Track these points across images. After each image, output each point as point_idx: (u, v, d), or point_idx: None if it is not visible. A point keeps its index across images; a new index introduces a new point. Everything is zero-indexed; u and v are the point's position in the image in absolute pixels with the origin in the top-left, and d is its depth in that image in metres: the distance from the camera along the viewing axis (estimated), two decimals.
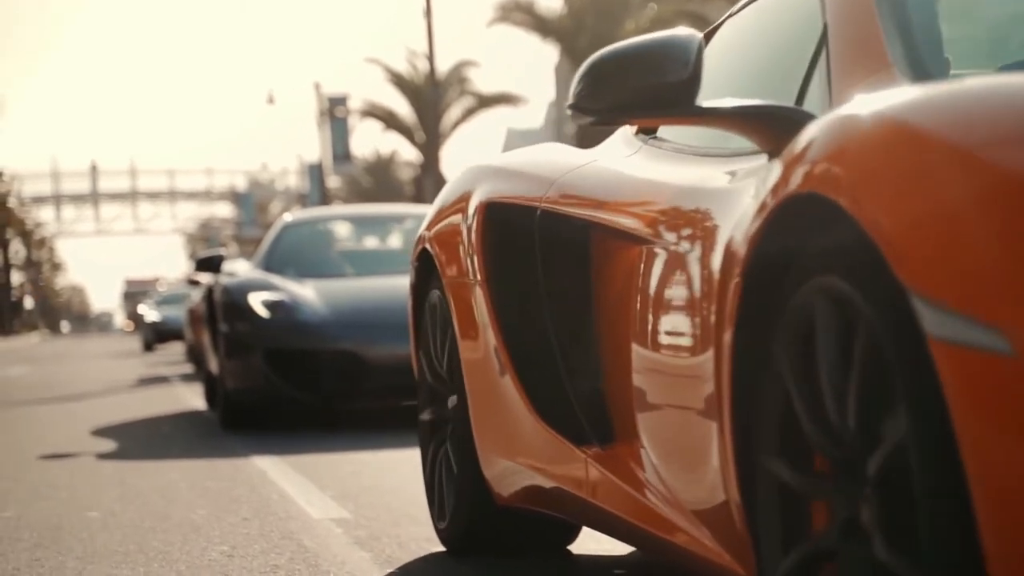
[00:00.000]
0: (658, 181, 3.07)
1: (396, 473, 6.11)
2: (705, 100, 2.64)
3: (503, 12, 37.17)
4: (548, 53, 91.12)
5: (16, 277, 75.79)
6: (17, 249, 75.43)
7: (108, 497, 5.67)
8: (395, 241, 10.56)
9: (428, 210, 11.78)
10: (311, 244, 10.24)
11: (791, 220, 2.12)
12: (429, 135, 41.35)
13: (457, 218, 3.83)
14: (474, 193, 3.76)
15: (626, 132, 3.62)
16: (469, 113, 44.37)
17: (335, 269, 9.81)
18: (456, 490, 3.85)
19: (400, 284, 8.42)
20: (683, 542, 2.71)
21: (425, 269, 4.11)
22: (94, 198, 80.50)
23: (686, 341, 2.64)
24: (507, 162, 3.82)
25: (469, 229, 3.69)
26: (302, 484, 5.82)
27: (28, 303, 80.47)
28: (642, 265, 2.95)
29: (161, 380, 16.90)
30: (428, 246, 4.01)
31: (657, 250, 2.88)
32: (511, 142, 77.02)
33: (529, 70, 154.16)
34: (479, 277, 3.60)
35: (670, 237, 2.83)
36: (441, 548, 4.12)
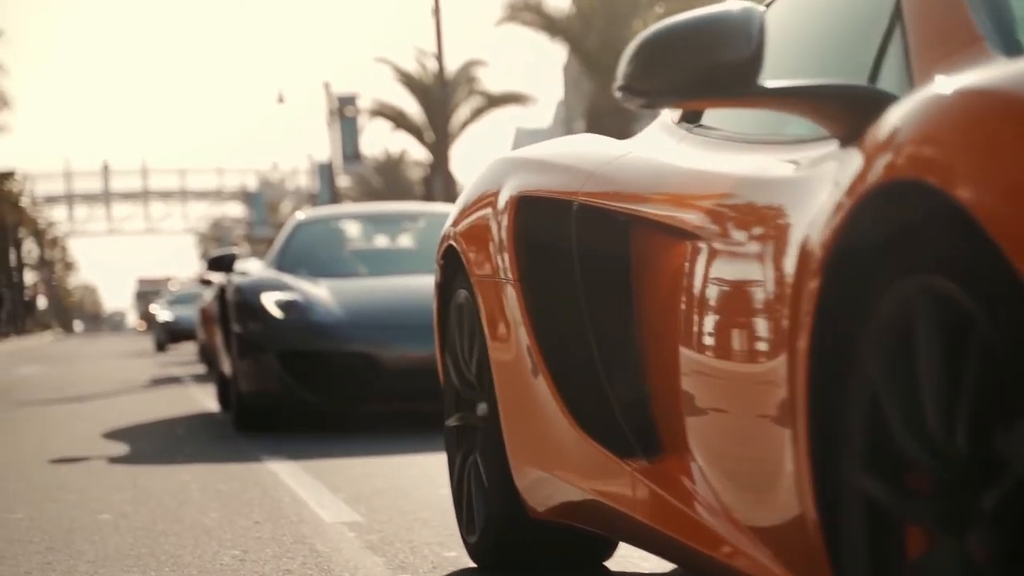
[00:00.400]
0: (709, 171, 2.81)
1: (408, 476, 6.09)
2: (767, 80, 2.38)
3: (511, 11, 37.12)
4: (556, 53, 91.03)
5: (29, 276, 75.93)
6: (30, 248, 75.59)
7: (120, 499, 5.66)
8: (409, 240, 10.35)
9: (445, 208, 10.09)
10: (324, 243, 10.04)
11: (878, 212, 1.92)
12: (438, 135, 41.33)
13: (486, 213, 3.58)
14: (504, 187, 3.52)
15: (667, 120, 3.36)
16: (478, 113, 44.34)
17: (349, 269, 9.62)
18: (486, 502, 3.62)
19: (416, 284, 8.46)
20: (743, 565, 2.47)
21: (451, 268, 3.86)
22: (106, 197, 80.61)
23: (750, 344, 2.41)
24: (539, 154, 3.57)
25: (500, 225, 3.45)
26: (314, 487, 5.81)
27: (41, 302, 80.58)
28: (692, 262, 2.69)
29: (173, 380, 16.91)
30: (454, 243, 3.76)
31: (710, 246, 2.62)
32: (520, 141, 76.93)
33: (538, 70, 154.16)
34: (511, 276, 3.36)
35: (726, 232, 2.60)
36: (454, 554, 4.10)
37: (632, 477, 2.91)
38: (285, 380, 8.25)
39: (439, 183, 37.07)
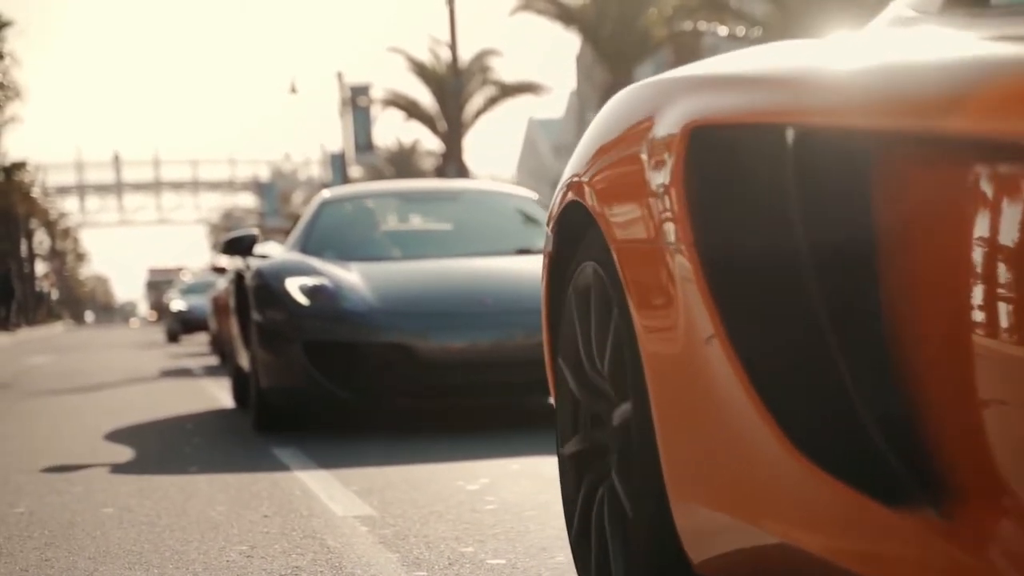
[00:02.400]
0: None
1: (421, 468, 5.89)
2: None
3: (525, 0, 36.91)
4: (570, 42, 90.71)
5: (40, 267, 75.94)
6: (41, 239, 75.59)
7: (125, 492, 5.48)
8: (448, 220, 9.30)
9: (489, 185, 9.81)
10: (353, 223, 9.07)
11: None
12: (451, 124, 41.16)
13: (636, 153, 2.48)
14: (663, 115, 2.43)
15: (901, 8, 2.38)
16: (491, 102, 44.17)
17: (381, 251, 8.59)
18: (628, 547, 2.59)
19: (456, 268, 7.88)
20: None
21: (571, 233, 2.83)
22: (118, 188, 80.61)
23: None
24: (718, 68, 2.46)
25: (662, 167, 2.37)
26: (324, 479, 5.62)
27: (52, 293, 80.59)
28: (993, 210, 1.73)
29: (184, 372, 16.73)
30: (583, 198, 2.71)
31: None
32: (532, 132, 76.80)
33: (551, 59, 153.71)
34: (681, 238, 2.29)
35: None
36: (471, 549, 3.90)
37: (895, 530, 1.88)
38: (311, 374, 7.35)
39: (452, 173, 36.86)
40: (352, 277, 7.71)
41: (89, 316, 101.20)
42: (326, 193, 9.51)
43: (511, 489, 5.10)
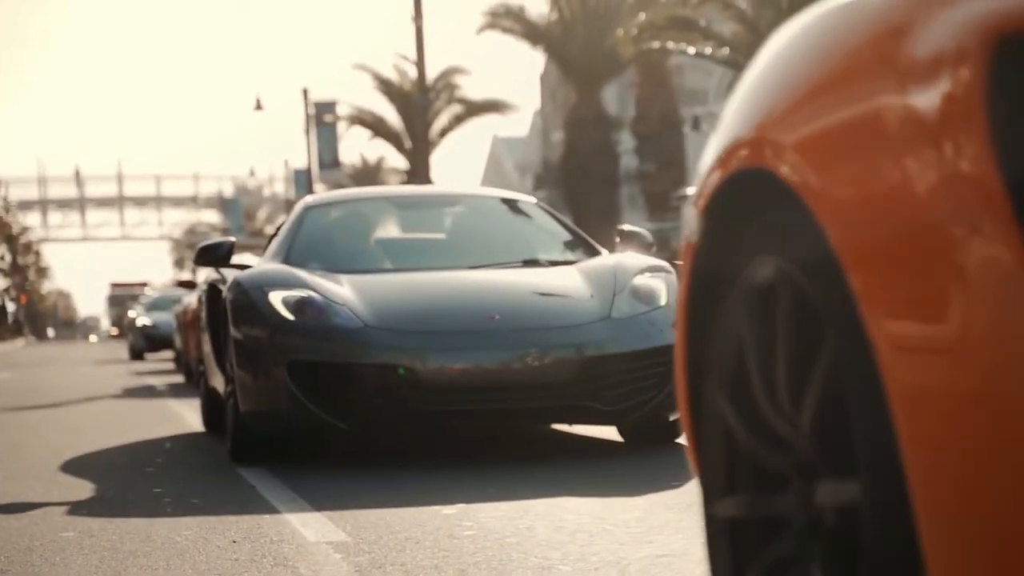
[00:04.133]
0: None
1: (396, 491, 5.69)
2: None
3: (492, 18, 36.87)
4: (534, 61, 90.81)
5: (1, 282, 75.23)
6: (2, 254, 74.93)
7: (85, 515, 5.27)
8: (444, 229, 8.45)
9: (489, 192, 9.07)
10: (341, 231, 8.17)
11: None
12: (417, 142, 41.00)
13: (879, 89, 1.51)
14: (932, 24, 1.46)
15: None
16: (458, 120, 44.08)
17: (372, 262, 7.68)
18: None
19: (455, 281, 7.09)
20: None
21: (739, 214, 1.90)
22: (81, 203, 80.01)
23: None
24: None
25: (941, 103, 1.40)
26: (295, 502, 5.42)
27: (12, 308, 79.83)
28: None
29: (148, 391, 16.45)
30: (771, 164, 1.71)
31: None
32: (496, 150, 76.78)
33: (516, 79, 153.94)
34: (991, 209, 1.34)
35: None
36: None
37: None
38: (296, 398, 6.48)
39: None
40: (342, 290, 6.86)
41: (50, 331, 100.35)
42: (310, 198, 8.67)
43: (489, 514, 4.92)
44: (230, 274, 7.63)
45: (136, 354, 29.54)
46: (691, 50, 25.07)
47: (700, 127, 44.98)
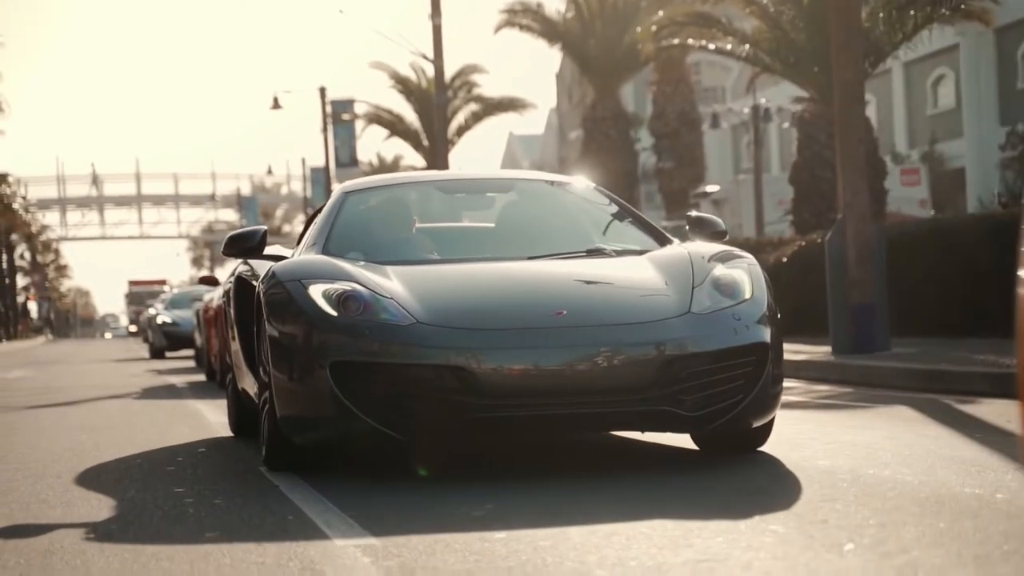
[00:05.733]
0: None
1: (424, 491, 5.55)
2: None
3: (510, 16, 36.68)
4: (550, 60, 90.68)
5: (21, 281, 75.36)
6: (22, 252, 75.04)
7: (107, 516, 5.15)
8: (497, 216, 7.63)
9: (546, 176, 8.24)
10: (382, 218, 7.41)
11: None
12: (435, 140, 40.88)
13: None
14: None
15: None
16: (475, 119, 43.92)
17: (417, 252, 7.00)
18: None
19: (511, 273, 6.40)
20: None
21: None
22: (99, 202, 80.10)
23: None
24: None
25: None
26: (320, 503, 5.28)
27: (33, 307, 79.97)
28: None
29: (168, 389, 16.35)
30: None
31: None
32: (512, 148, 76.66)
33: (530, 77, 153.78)
34: None
35: None
36: None
37: None
38: (341, 403, 5.78)
39: None
40: (390, 283, 6.16)
41: (70, 329, 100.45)
42: (348, 183, 7.90)
43: (520, 515, 4.77)
44: (262, 266, 7.04)
45: (156, 352, 29.01)
46: (711, 46, 24.91)
47: (719, 125, 44.79)
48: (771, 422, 6.34)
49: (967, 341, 14.22)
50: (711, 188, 40.53)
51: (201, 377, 17.69)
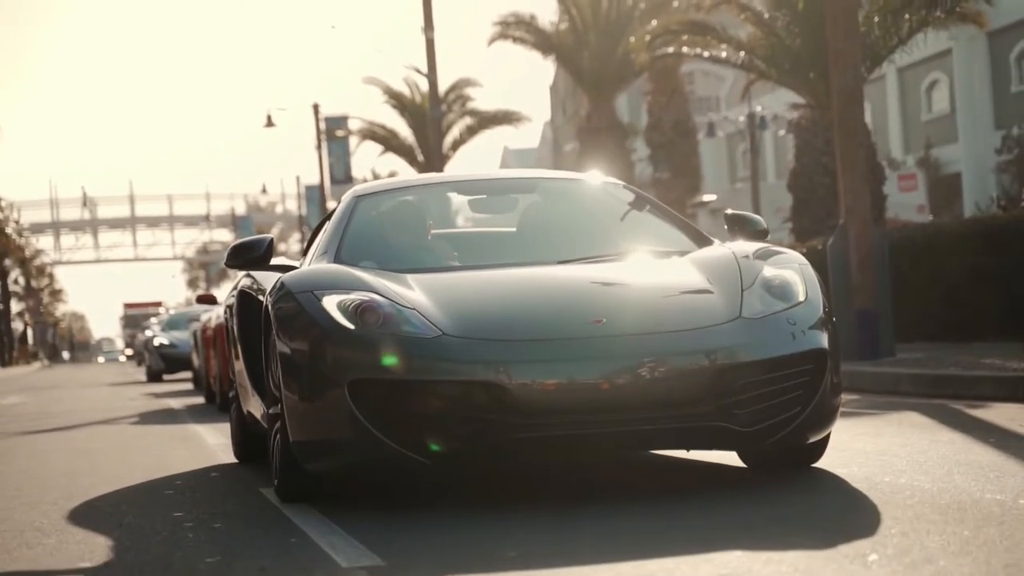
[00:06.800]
0: None
1: (432, 510, 5.40)
2: None
3: (503, 28, 36.62)
4: (544, 71, 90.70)
5: (15, 306, 75.19)
6: (16, 277, 74.88)
7: (103, 543, 5.00)
8: (521, 218, 7.05)
9: (573, 175, 7.60)
10: (399, 224, 6.82)
11: None
12: (430, 155, 40.80)
13: None
14: None
15: None
16: (470, 133, 43.85)
17: (436, 259, 6.52)
18: None
19: (551, 278, 5.87)
20: None
21: None
22: (93, 225, 80.00)
23: None
24: None
25: None
26: (322, 524, 5.12)
27: (27, 332, 79.84)
28: None
29: (166, 413, 16.19)
30: None
31: None
32: (507, 161, 76.61)
33: (523, 90, 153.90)
34: None
35: None
36: None
37: None
38: (361, 425, 5.24)
39: None
40: (410, 292, 5.63)
41: (65, 354, 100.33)
42: (359, 187, 7.29)
43: (533, 537, 4.63)
44: (267, 278, 6.60)
45: (154, 375, 28.53)
46: (706, 54, 24.82)
47: (715, 133, 44.73)
48: (827, 437, 5.84)
49: (972, 345, 14.10)
50: (708, 197, 40.52)
51: (200, 400, 17.43)
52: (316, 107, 49.52)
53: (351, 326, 5.38)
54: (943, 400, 9.46)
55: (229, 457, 8.33)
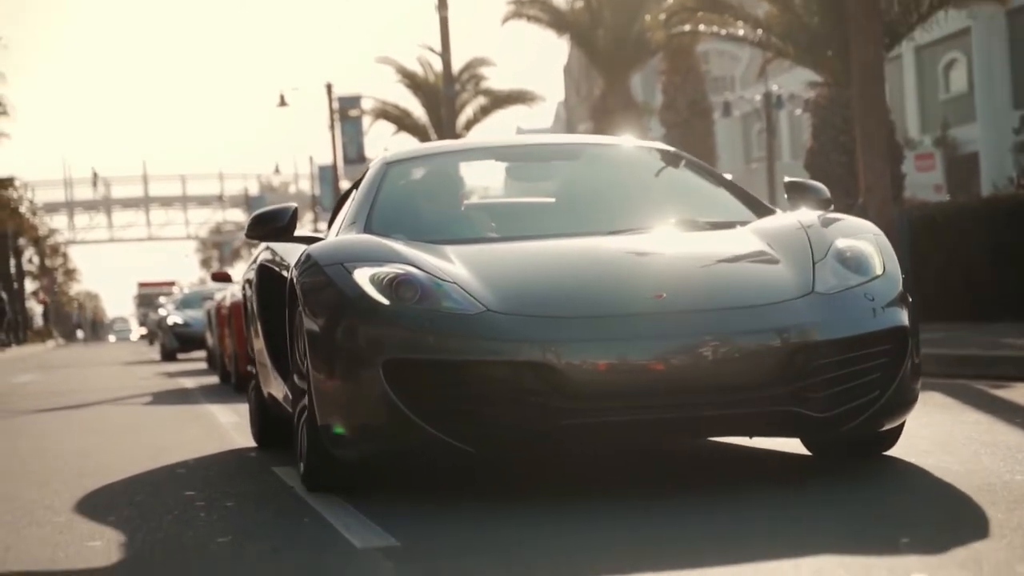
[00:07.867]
0: None
1: (450, 489, 5.30)
2: None
3: (517, 7, 36.44)
4: (558, 51, 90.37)
5: (29, 285, 75.36)
6: (30, 256, 75.02)
7: (114, 522, 4.91)
8: (566, 187, 6.53)
9: (624, 140, 6.93)
10: (433, 193, 6.36)
11: None
12: (442, 135, 40.65)
13: None
14: None
15: None
16: (484, 112, 43.71)
17: (474, 230, 5.99)
18: None
19: (603, 250, 5.35)
20: None
21: None
22: (106, 205, 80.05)
23: None
24: None
25: None
26: (336, 504, 5.00)
27: (41, 311, 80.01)
28: None
29: (179, 393, 16.13)
30: None
31: None
32: None
33: (539, 70, 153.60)
34: None
35: None
36: None
37: None
38: (397, 409, 4.78)
39: None
40: (450, 265, 5.13)
41: (79, 333, 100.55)
42: (390, 153, 6.73)
43: (557, 519, 4.51)
44: (291, 251, 6.16)
45: (168, 355, 28.18)
46: (723, 32, 24.63)
47: (731, 113, 44.52)
48: (902, 425, 5.38)
49: (992, 325, 13.95)
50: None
51: (214, 379, 17.28)
52: (329, 87, 49.40)
53: (386, 301, 4.91)
54: (966, 380, 9.33)
55: (243, 437, 8.24)
